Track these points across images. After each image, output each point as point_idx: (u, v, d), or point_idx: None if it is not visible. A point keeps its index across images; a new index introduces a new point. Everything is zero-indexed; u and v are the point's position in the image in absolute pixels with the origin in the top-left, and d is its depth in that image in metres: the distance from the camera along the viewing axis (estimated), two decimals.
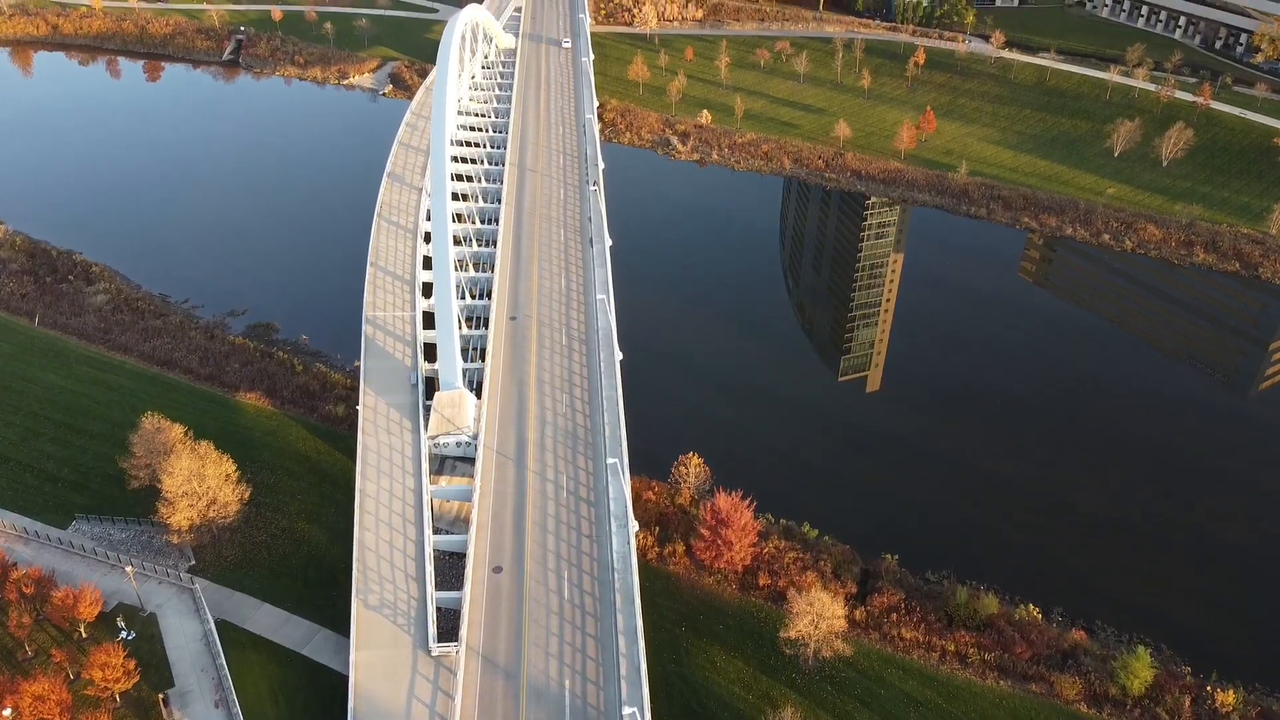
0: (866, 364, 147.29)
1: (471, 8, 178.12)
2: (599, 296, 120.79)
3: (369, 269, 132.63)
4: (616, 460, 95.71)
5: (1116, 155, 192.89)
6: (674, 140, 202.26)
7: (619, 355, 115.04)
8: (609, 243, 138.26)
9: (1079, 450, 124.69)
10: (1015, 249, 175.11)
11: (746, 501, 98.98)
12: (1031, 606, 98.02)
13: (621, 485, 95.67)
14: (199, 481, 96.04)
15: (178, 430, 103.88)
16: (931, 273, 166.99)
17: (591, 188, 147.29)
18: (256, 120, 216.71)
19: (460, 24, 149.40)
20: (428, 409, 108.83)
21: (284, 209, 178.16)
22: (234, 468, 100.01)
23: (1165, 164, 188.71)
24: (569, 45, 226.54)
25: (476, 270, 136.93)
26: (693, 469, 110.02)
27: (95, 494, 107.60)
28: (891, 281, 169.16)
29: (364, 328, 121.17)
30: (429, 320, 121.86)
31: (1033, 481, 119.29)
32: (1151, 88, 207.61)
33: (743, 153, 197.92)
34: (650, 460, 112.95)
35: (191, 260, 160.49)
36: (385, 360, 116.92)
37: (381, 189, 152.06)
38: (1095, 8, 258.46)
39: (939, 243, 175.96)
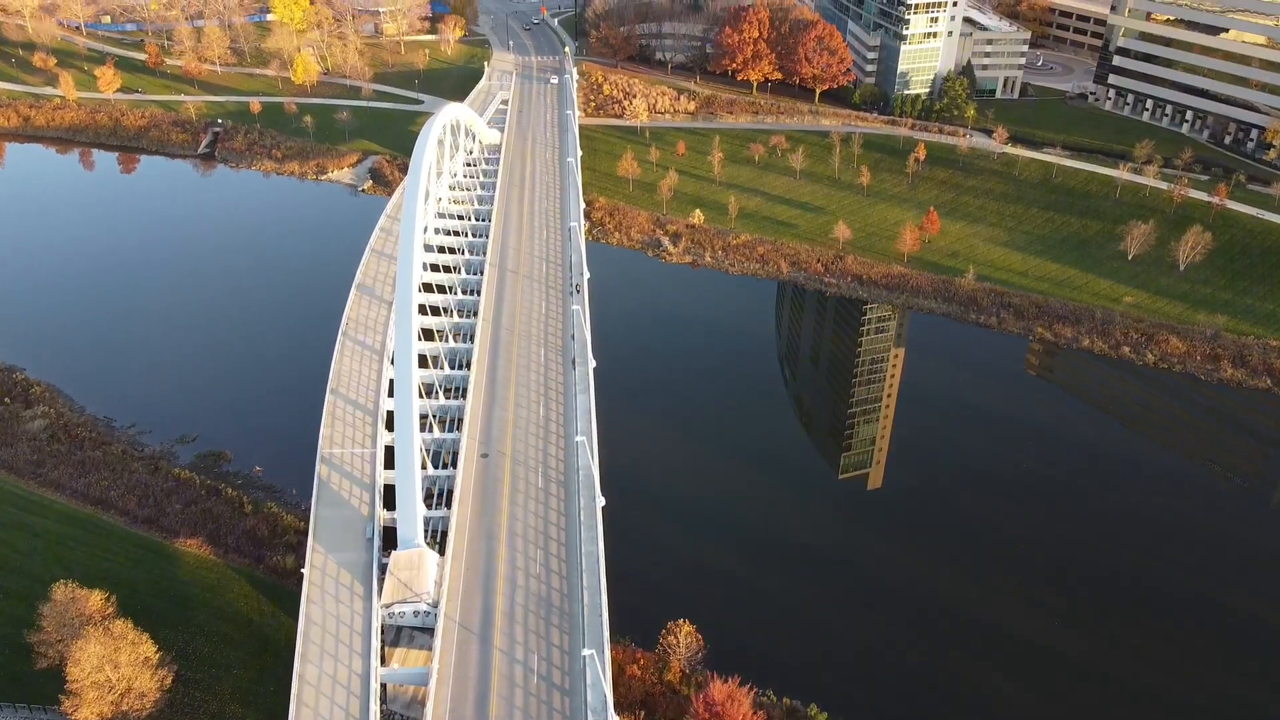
0: (868, 460, 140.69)
1: (451, 107, 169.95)
2: (579, 438, 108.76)
3: (328, 397, 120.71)
4: (594, 651, 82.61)
5: (1130, 258, 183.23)
6: (665, 241, 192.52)
7: (601, 501, 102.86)
8: (593, 364, 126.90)
9: (1112, 589, 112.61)
10: (1020, 341, 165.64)
11: (746, 688, 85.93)
12: None
13: (599, 671, 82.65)
14: (112, 669, 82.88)
15: (95, 599, 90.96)
16: (933, 367, 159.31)
17: (574, 307, 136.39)
18: (226, 219, 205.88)
19: (435, 132, 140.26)
20: (384, 567, 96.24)
21: (247, 319, 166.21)
22: (154, 650, 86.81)
23: (1182, 268, 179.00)
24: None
25: (447, 397, 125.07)
26: (683, 637, 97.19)
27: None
28: (892, 377, 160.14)
29: (318, 468, 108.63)
30: (392, 457, 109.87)
31: (1059, 633, 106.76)
32: (1163, 186, 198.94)
33: (737, 255, 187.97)
34: (635, 621, 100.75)
35: (143, 377, 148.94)
36: (340, 508, 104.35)
37: (349, 303, 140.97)
38: (1098, 101, 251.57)
39: (940, 336, 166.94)
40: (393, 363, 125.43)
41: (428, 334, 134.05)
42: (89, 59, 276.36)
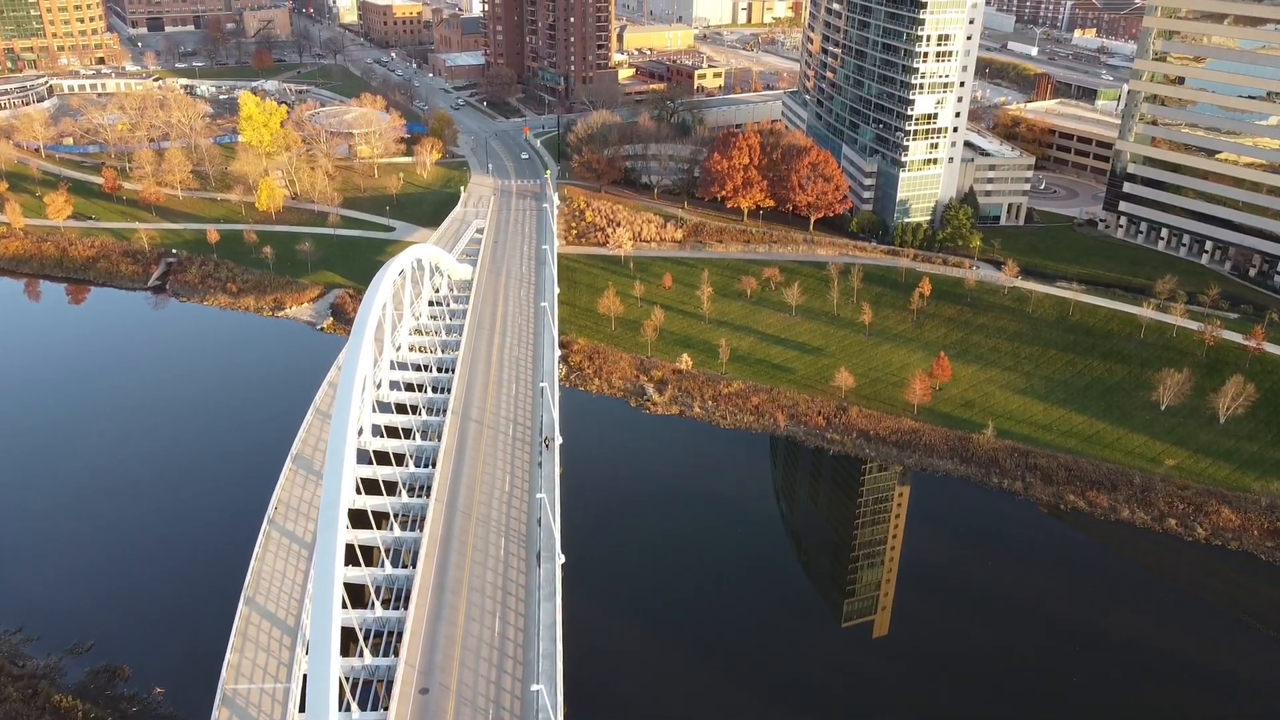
0: (872, 608, 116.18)
1: (412, 250, 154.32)
2: (535, 687, 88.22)
3: (241, 608, 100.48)
4: None
5: (1164, 409, 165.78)
6: (649, 389, 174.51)
7: None
8: (561, 560, 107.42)
9: None
10: (1050, 510, 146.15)
11: None
12: None
13: None
14: None
15: None
16: (952, 540, 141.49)
17: (539, 495, 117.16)
18: (162, 365, 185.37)
19: (383, 291, 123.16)
20: None
21: (169, 494, 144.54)
22: None
23: (1223, 421, 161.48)
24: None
25: (385, 605, 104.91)
26: None
27: None
28: (894, 543, 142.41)
29: (215, 714, 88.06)
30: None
31: None
32: (1193, 326, 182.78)
33: (729, 405, 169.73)
34: None
35: (39, 567, 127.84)
36: None
37: (280, 480, 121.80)
38: (1108, 228, 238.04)
39: (958, 501, 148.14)
40: None
41: (365, 518, 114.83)
42: (43, 183, 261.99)
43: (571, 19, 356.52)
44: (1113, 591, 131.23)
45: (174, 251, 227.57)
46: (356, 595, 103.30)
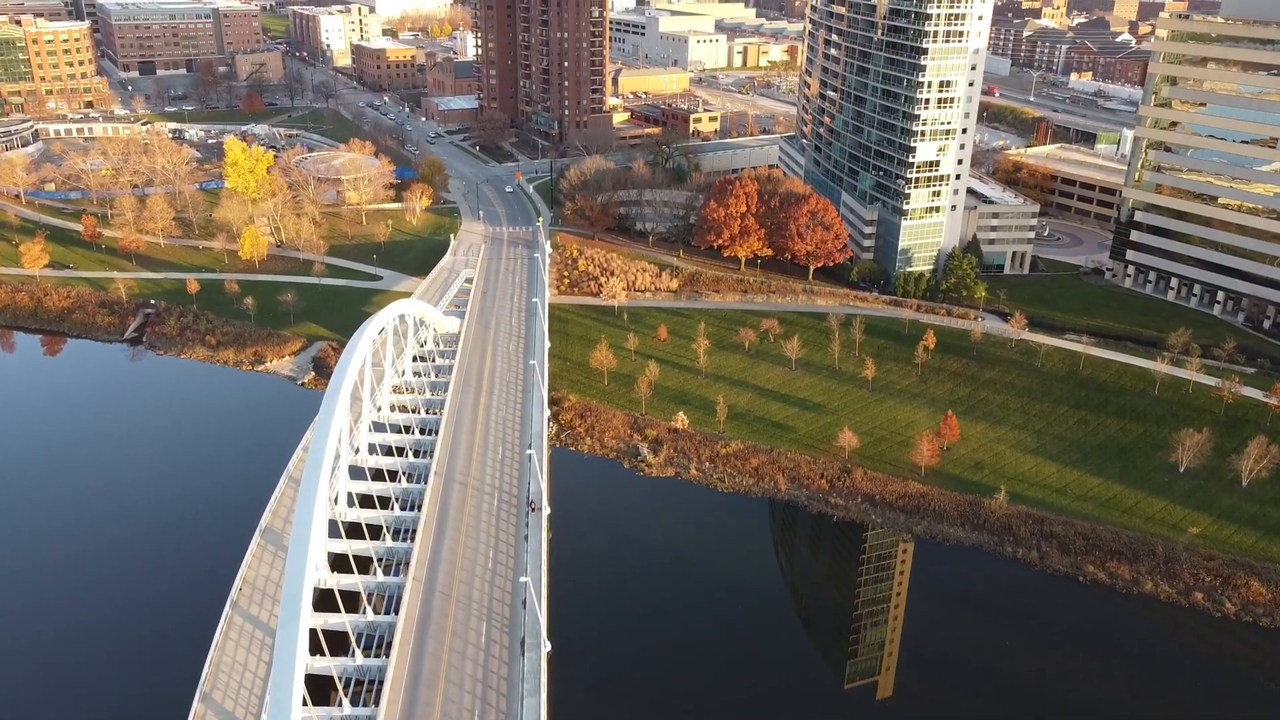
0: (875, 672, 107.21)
1: (399, 304, 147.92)
2: None
3: (195, 708, 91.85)
4: None
5: (1183, 471, 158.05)
6: (644, 449, 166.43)
7: None
8: (546, 648, 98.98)
9: None
10: (1068, 582, 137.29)
11: None
12: None
13: None
14: None
15: None
16: (967, 620, 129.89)
17: (523, 579, 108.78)
18: (129, 424, 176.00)
19: (363, 348, 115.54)
20: None
21: (127, 571, 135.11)
22: None
23: (1245, 484, 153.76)
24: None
25: (354, 702, 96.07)
26: None
27: None
28: (904, 589, 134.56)
29: None
30: None
31: None
32: (1209, 381, 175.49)
33: (727, 467, 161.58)
34: None
35: None
36: None
37: (247, 558, 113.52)
38: (1115, 277, 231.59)
39: (968, 573, 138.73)
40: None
41: (334, 601, 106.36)
42: (21, 230, 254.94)
43: (566, 63, 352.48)
44: (1144, 672, 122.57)
45: (152, 302, 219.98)
46: (326, 687, 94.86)
